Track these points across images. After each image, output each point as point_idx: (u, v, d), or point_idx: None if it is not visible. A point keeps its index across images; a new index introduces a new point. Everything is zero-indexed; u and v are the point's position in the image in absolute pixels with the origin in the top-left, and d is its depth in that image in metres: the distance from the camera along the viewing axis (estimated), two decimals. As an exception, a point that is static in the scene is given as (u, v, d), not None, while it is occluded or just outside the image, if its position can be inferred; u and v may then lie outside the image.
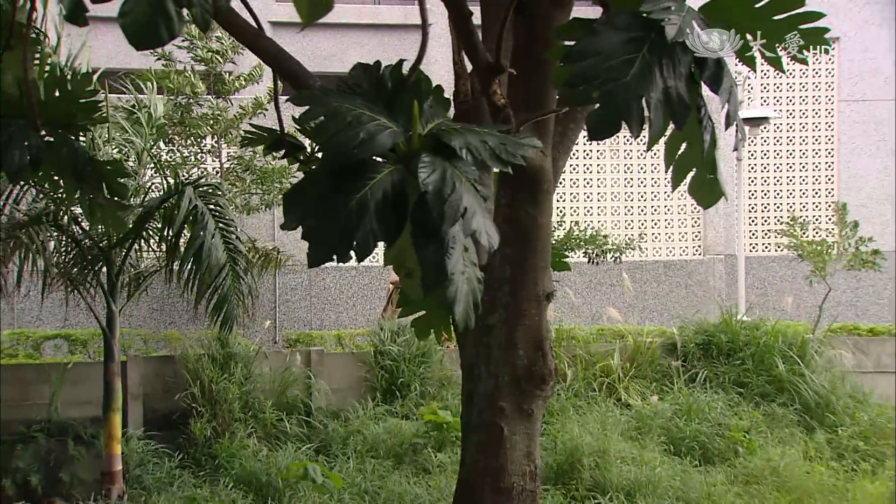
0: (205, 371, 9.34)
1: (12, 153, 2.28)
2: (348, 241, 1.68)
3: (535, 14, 3.03)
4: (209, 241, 7.59)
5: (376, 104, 1.88)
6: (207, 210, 7.78)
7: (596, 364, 10.72)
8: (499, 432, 3.34)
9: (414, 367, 10.19)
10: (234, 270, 7.94)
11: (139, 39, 1.62)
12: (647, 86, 1.97)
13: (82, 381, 9.31)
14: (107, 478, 8.33)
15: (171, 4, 1.62)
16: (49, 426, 9.14)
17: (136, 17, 1.60)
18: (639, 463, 8.34)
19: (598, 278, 15.66)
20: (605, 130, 1.95)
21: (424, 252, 1.72)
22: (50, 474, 8.93)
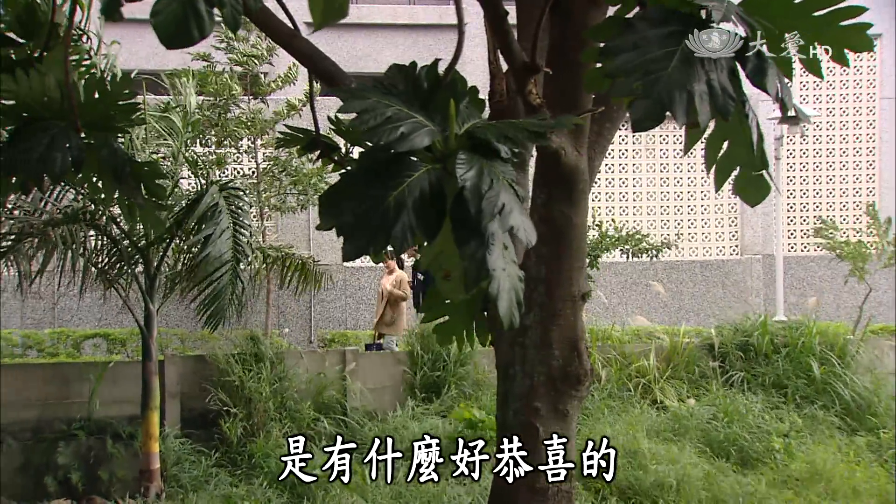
0: (241, 371, 9.41)
1: (54, 155, 2.31)
2: (385, 235, 1.69)
3: (572, 13, 3.02)
4: (219, 235, 7.65)
5: (413, 104, 1.88)
6: (226, 208, 7.85)
7: (631, 365, 10.65)
8: (534, 432, 3.33)
9: (450, 367, 10.18)
10: (234, 270, 7.97)
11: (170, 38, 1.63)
12: (690, 77, 1.96)
13: (121, 380, 9.41)
14: (145, 476, 8.41)
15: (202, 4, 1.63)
16: (89, 424, 9.25)
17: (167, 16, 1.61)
18: (674, 465, 8.27)
19: (633, 278, 15.57)
20: (649, 121, 1.93)
21: (466, 248, 1.72)
22: (90, 472, 9.05)
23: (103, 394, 9.33)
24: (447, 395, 10.01)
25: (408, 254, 12.45)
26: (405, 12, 17.64)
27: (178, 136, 8.83)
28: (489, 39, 3.06)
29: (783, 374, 10.38)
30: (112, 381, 9.43)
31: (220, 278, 7.87)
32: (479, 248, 1.71)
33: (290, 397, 9.62)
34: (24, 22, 2.64)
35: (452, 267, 1.99)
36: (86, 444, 9.15)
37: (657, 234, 15.27)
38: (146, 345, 8.59)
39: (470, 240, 1.71)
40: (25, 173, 2.33)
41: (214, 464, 8.84)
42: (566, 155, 3.02)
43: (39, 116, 2.41)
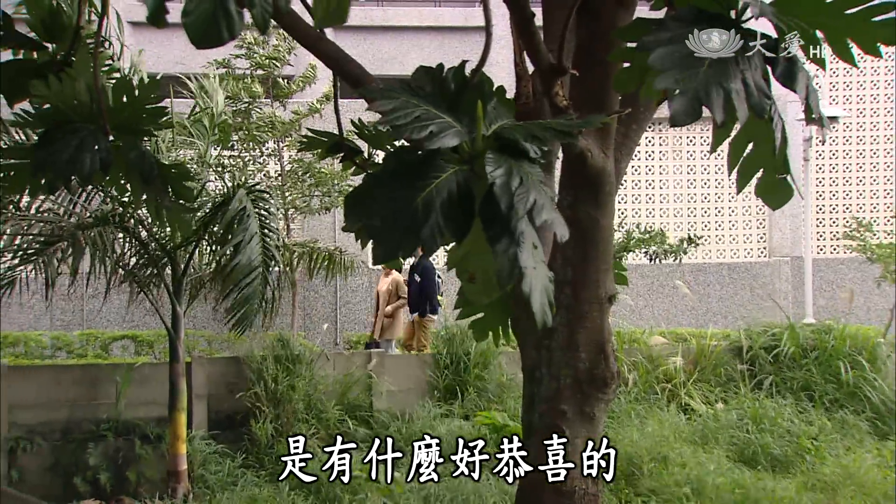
0: (268, 372, 9.45)
1: (83, 157, 2.33)
2: (414, 237, 1.69)
3: (599, 14, 3.00)
4: (249, 241, 7.68)
5: (440, 106, 1.88)
6: (254, 212, 7.88)
7: (658, 368, 10.59)
8: (560, 435, 3.32)
9: (470, 369, 10.18)
10: (264, 275, 7.99)
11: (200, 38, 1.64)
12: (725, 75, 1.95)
13: (148, 382, 9.48)
14: (172, 477, 8.47)
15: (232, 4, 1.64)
16: (117, 425, 9.32)
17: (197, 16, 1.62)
18: (702, 469, 8.20)
19: (659, 280, 15.49)
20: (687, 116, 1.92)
21: (498, 246, 1.71)
22: (118, 472, 9.13)
23: (131, 395, 9.41)
24: (470, 398, 10.01)
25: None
26: (431, 14, 17.66)
27: (205, 139, 8.88)
28: (515, 41, 3.05)
29: (812, 378, 10.27)
30: (140, 383, 9.50)
31: (249, 284, 7.91)
32: (510, 246, 1.71)
33: (316, 399, 9.65)
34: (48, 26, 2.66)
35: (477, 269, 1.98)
36: (114, 445, 9.24)
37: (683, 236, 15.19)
38: (173, 346, 8.64)
39: (501, 237, 1.71)
40: (55, 174, 2.35)
41: (241, 465, 8.88)
42: (592, 157, 3.00)
43: (69, 119, 2.44)
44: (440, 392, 10.18)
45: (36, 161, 2.39)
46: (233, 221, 7.81)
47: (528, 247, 1.74)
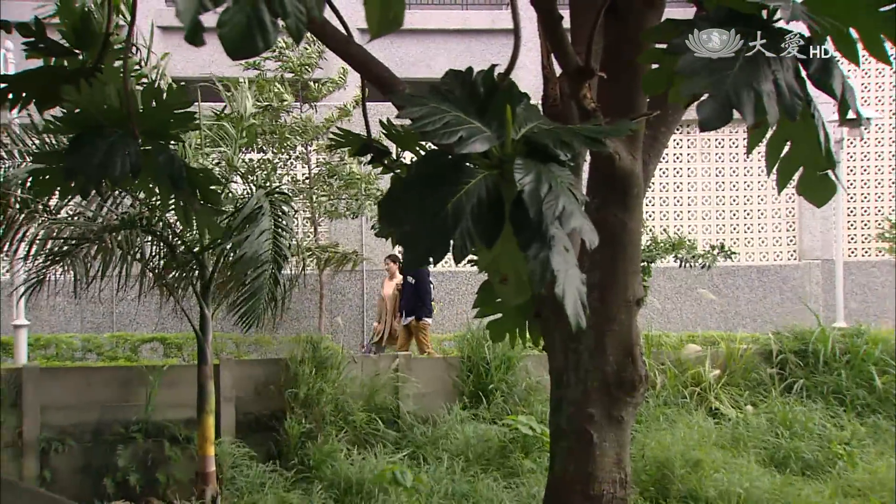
0: (298, 375, 9.48)
1: (114, 160, 2.35)
2: (445, 243, 1.69)
3: (627, 16, 2.99)
4: (256, 236, 7.68)
5: (469, 110, 1.88)
6: (269, 211, 7.89)
7: (686, 371, 10.51)
8: (588, 439, 3.30)
9: (501, 372, 10.16)
10: (273, 273, 7.99)
11: (236, 49, 1.65)
12: (756, 76, 1.93)
13: (177, 384, 9.53)
14: (201, 479, 8.51)
15: (266, 15, 1.65)
16: (146, 427, 9.39)
17: (233, 27, 1.63)
18: (733, 473, 8.14)
19: (687, 283, 15.38)
20: (717, 121, 1.91)
21: (530, 250, 1.71)
22: (147, 474, 9.20)
23: (160, 397, 9.47)
24: (497, 401, 9.99)
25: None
26: (458, 17, 17.65)
27: (233, 143, 8.93)
28: (543, 44, 3.04)
29: (844, 383, 10.17)
30: (168, 385, 9.56)
31: (256, 279, 7.91)
32: (542, 250, 1.71)
33: (344, 401, 9.68)
34: (79, 33, 2.69)
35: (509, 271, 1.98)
36: (143, 447, 9.30)
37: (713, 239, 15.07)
38: (201, 349, 8.69)
39: (533, 242, 1.71)
40: (86, 178, 2.37)
41: (269, 467, 8.91)
42: (620, 160, 2.99)
43: (99, 124, 2.46)
44: (466, 395, 10.18)
45: (68, 165, 2.41)
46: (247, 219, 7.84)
47: (560, 250, 1.74)
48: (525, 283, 1.98)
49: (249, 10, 1.64)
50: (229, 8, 1.63)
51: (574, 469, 3.35)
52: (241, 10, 1.64)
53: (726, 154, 16.09)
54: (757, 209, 16.14)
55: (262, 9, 1.65)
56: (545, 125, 1.93)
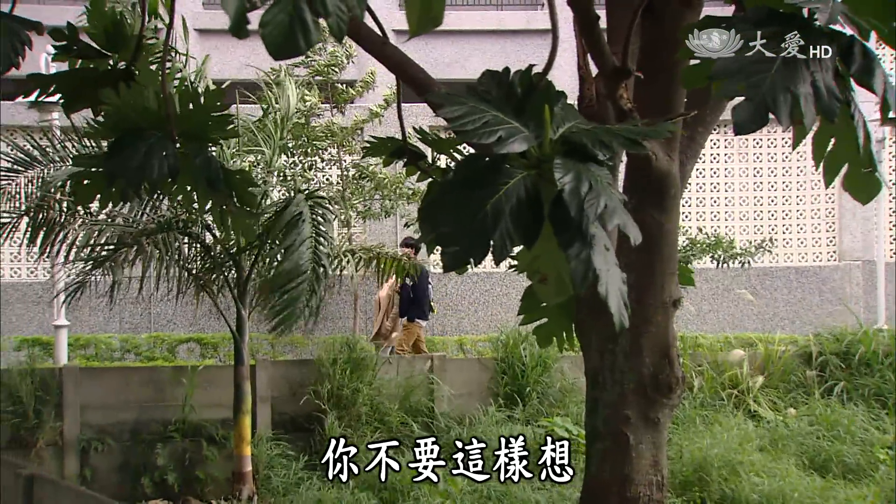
0: (333, 375, 9.52)
1: (152, 163, 2.37)
2: (484, 244, 1.69)
3: (664, 15, 2.97)
4: (299, 245, 7.70)
5: (506, 110, 1.88)
6: (310, 217, 7.91)
7: (724, 373, 10.42)
8: (624, 441, 3.29)
9: (536, 374, 10.13)
10: (311, 282, 7.98)
11: (278, 49, 1.66)
12: (794, 78, 1.91)
13: (214, 384, 9.62)
14: (237, 478, 8.57)
15: (308, 15, 1.66)
16: (184, 426, 9.48)
17: (275, 27, 1.64)
18: (773, 476, 8.04)
19: (724, 284, 15.24)
20: (753, 124, 1.89)
21: (570, 250, 1.71)
22: (185, 473, 9.28)
23: (197, 397, 9.56)
24: (532, 403, 9.96)
25: None
26: (493, 18, 17.63)
27: (272, 144, 8.97)
28: (579, 44, 3.03)
29: (886, 385, 10.01)
30: (205, 385, 9.64)
31: (295, 288, 7.91)
32: (583, 249, 1.70)
33: (379, 402, 9.70)
34: (111, 36, 2.72)
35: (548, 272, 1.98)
36: (181, 446, 9.40)
37: (750, 240, 14.92)
38: (238, 349, 8.75)
39: (574, 241, 1.70)
40: (125, 181, 2.40)
41: (305, 467, 8.96)
42: (657, 160, 2.97)
43: (137, 127, 2.48)
44: (501, 397, 10.16)
45: (107, 168, 2.44)
46: (287, 226, 7.86)
47: (601, 249, 1.73)
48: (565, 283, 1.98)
49: (291, 9, 1.65)
50: (271, 8, 1.65)
51: (610, 471, 3.33)
52: (283, 9, 1.65)
53: (764, 154, 15.91)
54: (796, 209, 15.94)
55: (303, 8, 1.66)
56: (583, 125, 1.92)
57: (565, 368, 10.26)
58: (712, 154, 15.81)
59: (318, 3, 1.66)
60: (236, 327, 8.75)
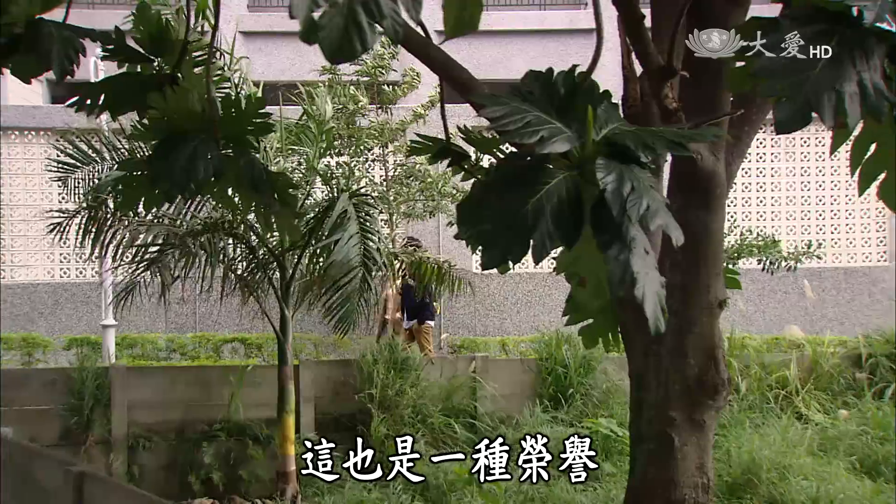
0: (377, 376, 9.55)
1: (197, 164, 2.41)
2: (524, 243, 1.69)
3: (711, 13, 2.94)
4: (346, 241, 7.72)
5: (549, 110, 1.87)
6: (355, 215, 7.94)
7: (771, 375, 10.28)
8: (669, 443, 3.26)
9: (580, 375, 10.08)
10: (363, 277, 8.01)
11: (334, 52, 1.68)
12: (839, 78, 1.87)
13: (258, 384, 9.71)
14: (281, 478, 8.64)
15: (364, 18, 1.67)
16: (229, 426, 9.58)
17: (331, 30, 1.65)
18: (822, 479, 7.92)
19: (771, 285, 15.03)
20: (794, 123, 1.86)
21: (609, 252, 1.70)
22: (230, 472, 9.38)
23: (241, 396, 9.66)
24: (576, 404, 9.91)
25: None
26: (535, 18, 17.59)
27: (314, 145, 9.02)
28: (623, 43, 3.01)
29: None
30: (249, 385, 9.73)
31: (347, 284, 7.96)
32: (622, 252, 1.69)
33: (422, 403, 9.71)
34: (156, 40, 2.76)
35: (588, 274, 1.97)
36: (226, 445, 9.50)
37: (797, 240, 14.70)
38: (282, 349, 8.81)
39: (613, 243, 1.69)
40: (171, 182, 2.43)
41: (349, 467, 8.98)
42: (703, 160, 2.95)
43: (182, 130, 2.52)
44: (545, 398, 10.12)
45: (153, 170, 2.47)
46: (335, 224, 7.90)
47: (640, 252, 1.72)
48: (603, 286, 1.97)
49: (347, 13, 1.66)
50: (327, 12, 1.66)
51: (655, 473, 3.31)
52: (339, 13, 1.66)
53: (812, 153, 15.67)
54: (845, 209, 15.68)
55: (359, 12, 1.67)
56: (627, 126, 1.91)
57: (609, 370, 10.19)
58: (758, 153, 15.61)
59: (373, 6, 1.67)
60: (280, 327, 8.82)
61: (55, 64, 2.46)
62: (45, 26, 2.53)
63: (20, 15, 2.51)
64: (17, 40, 2.54)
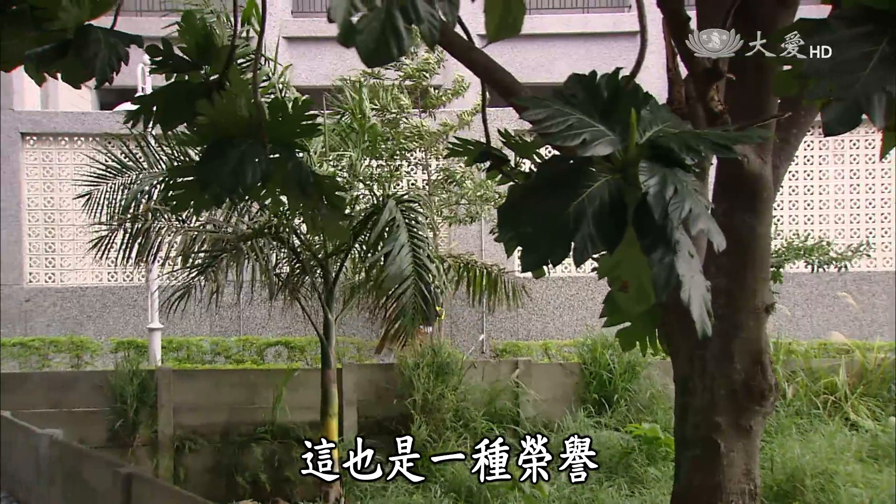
0: (419, 380, 9.57)
1: (245, 168, 2.43)
2: (565, 245, 1.68)
3: (758, 15, 2.90)
4: (398, 251, 7.72)
5: (592, 114, 1.87)
6: (404, 223, 7.94)
7: (819, 380, 10.12)
8: (715, 448, 3.23)
9: (624, 380, 10.02)
10: (416, 284, 7.99)
11: (371, 56, 1.68)
12: (890, 78, 1.84)
13: (301, 387, 9.77)
14: (325, 481, 8.67)
15: (401, 22, 1.67)
16: (273, 428, 9.66)
17: (368, 34, 1.66)
18: (872, 487, 7.78)
19: (819, 290, 14.81)
20: (843, 125, 1.83)
21: (653, 255, 1.69)
22: (275, 474, 9.46)
23: (285, 399, 9.73)
24: (620, 409, 9.85)
25: None
26: (578, 21, 17.53)
27: (358, 146, 9.05)
28: (668, 45, 2.99)
29: None
30: (293, 388, 9.81)
31: (402, 294, 7.94)
32: (666, 255, 1.68)
33: (464, 407, 9.72)
34: (202, 48, 2.79)
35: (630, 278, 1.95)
36: (271, 448, 9.58)
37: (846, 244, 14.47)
38: (325, 353, 8.86)
39: (657, 247, 1.68)
40: (220, 186, 2.46)
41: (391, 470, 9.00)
42: (749, 163, 2.92)
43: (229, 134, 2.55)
44: (588, 402, 10.07)
45: (201, 175, 2.50)
46: (383, 231, 7.90)
47: (685, 255, 1.70)
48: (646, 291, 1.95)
49: (384, 17, 1.66)
50: (365, 15, 1.67)
51: (701, 479, 3.28)
52: (376, 17, 1.67)
53: (861, 155, 15.41)
54: (894, 212, 15.40)
55: (396, 15, 1.67)
56: (671, 128, 1.89)
57: (654, 374, 10.11)
58: (806, 156, 15.39)
59: (410, 10, 1.67)
60: (323, 331, 8.87)
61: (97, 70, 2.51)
62: (94, 32, 2.58)
63: (70, 21, 2.55)
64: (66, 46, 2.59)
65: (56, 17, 2.53)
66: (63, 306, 14.44)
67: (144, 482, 6.09)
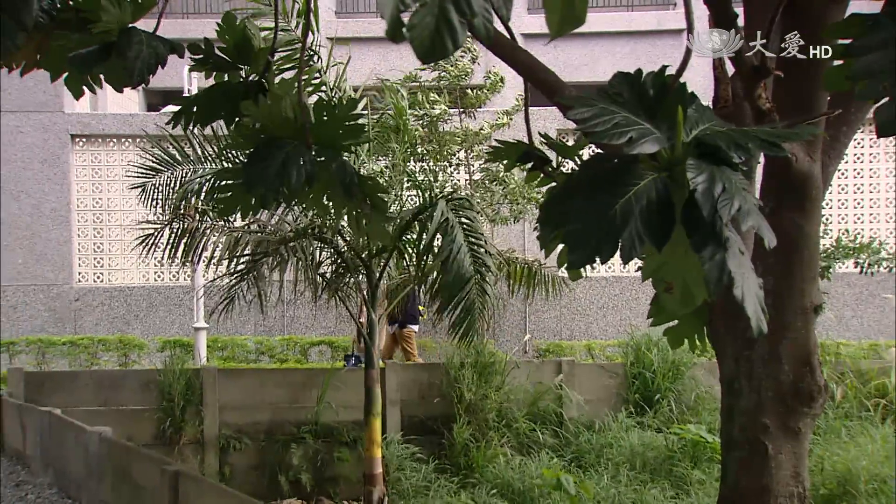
0: (463, 380, 9.57)
1: (290, 170, 2.44)
2: (613, 242, 1.66)
3: (807, 11, 2.86)
4: (456, 253, 7.66)
5: (638, 112, 1.85)
6: (457, 223, 7.89)
7: (869, 382, 9.94)
8: (763, 450, 3.19)
9: (668, 381, 9.92)
10: (479, 284, 7.93)
11: (425, 51, 1.68)
12: (945, 77, 1.80)
13: (344, 387, 9.82)
14: (368, 480, 8.69)
15: (455, 16, 1.67)
16: (316, 428, 9.72)
17: (422, 30, 1.66)
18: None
19: (869, 290, 14.55)
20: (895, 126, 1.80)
21: (704, 252, 1.67)
22: (318, 473, 9.52)
23: (328, 399, 9.79)
24: (663, 410, 9.76)
25: None
26: (622, 19, 17.41)
27: (401, 146, 9.06)
28: (714, 43, 2.95)
29: None
30: (336, 387, 9.86)
31: (466, 295, 7.87)
32: (717, 252, 1.66)
33: (507, 407, 9.70)
34: (241, 49, 2.81)
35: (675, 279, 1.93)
36: (314, 447, 9.64)
37: (896, 244, 14.21)
38: (368, 353, 8.88)
39: (707, 243, 1.66)
40: (265, 187, 2.47)
41: (434, 470, 9.03)
42: (798, 161, 2.88)
43: (274, 136, 2.56)
44: (631, 403, 10.00)
45: (247, 177, 2.52)
46: (436, 233, 7.84)
47: (735, 252, 1.68)
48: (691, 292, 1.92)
49: (437, 11, 1.66)
50: (417, 11, 1.66)
51: (748, 481, 3.24)
52: (430, 12, 1.66)
53: (913, 153, 15.12)
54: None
55: (449, 9, 1.67)
56: (718, 127, 1.87)
57: (698, 375, 10.01)
58: (856, 154, 15.13)
59: (464, 4, 1.67)
60: (367, 330, 8.89)
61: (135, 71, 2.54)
62: (137, 34, 2.61)
63: (112, 23, 2.58)
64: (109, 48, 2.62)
65: (97, 19, 2.56)
66: (111, 305, 14.67)
67: (191, 480, 6.16)
